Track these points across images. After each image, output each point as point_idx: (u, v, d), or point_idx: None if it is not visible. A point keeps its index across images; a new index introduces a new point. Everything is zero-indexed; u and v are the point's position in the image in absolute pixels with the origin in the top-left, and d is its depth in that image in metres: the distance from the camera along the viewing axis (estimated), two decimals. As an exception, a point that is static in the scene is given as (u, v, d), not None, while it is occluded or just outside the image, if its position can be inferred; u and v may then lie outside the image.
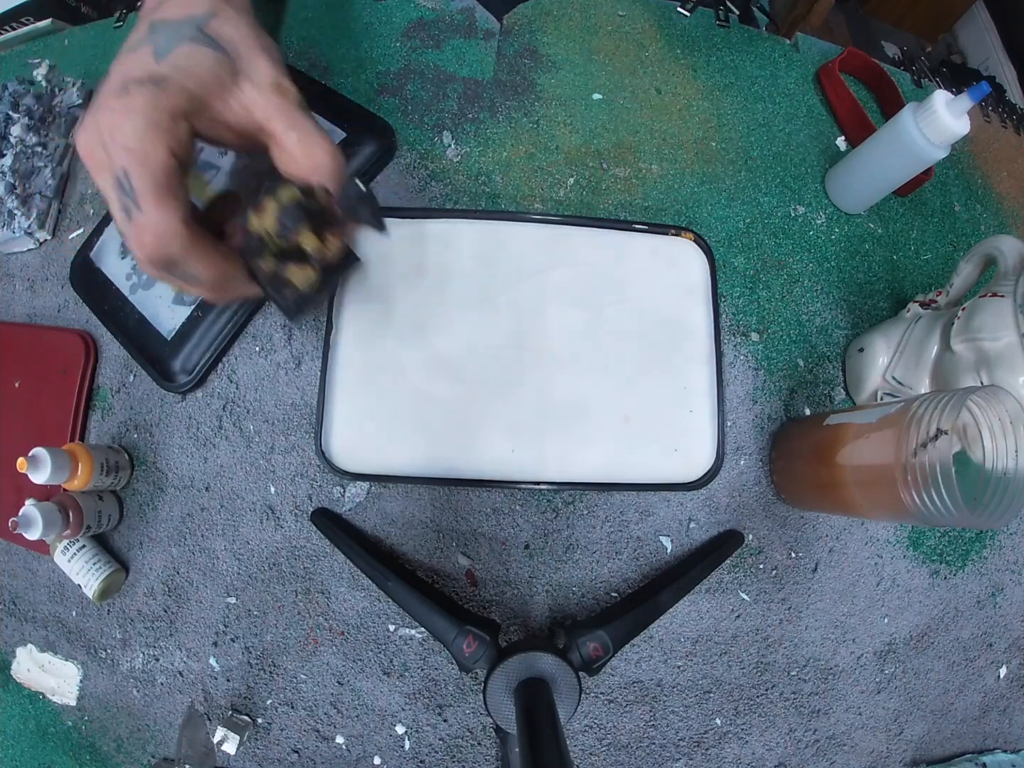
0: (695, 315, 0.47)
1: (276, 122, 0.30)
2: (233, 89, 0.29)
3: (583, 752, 0.44)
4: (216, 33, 0.29)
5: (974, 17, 2.12)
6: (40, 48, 0.61)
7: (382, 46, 0.54)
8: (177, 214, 0.27)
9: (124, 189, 0.27)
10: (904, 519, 0.34)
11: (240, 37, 0.30)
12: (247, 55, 0.29)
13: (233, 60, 0.29)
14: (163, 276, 0.30)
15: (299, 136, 0.30)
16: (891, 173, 0.49)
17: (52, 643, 0.47)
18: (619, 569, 0.45)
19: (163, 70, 0.27)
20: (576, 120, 0.53)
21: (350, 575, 0.44)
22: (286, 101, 0.30)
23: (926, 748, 0.48)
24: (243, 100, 0.29)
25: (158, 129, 0.26)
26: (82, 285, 0.49)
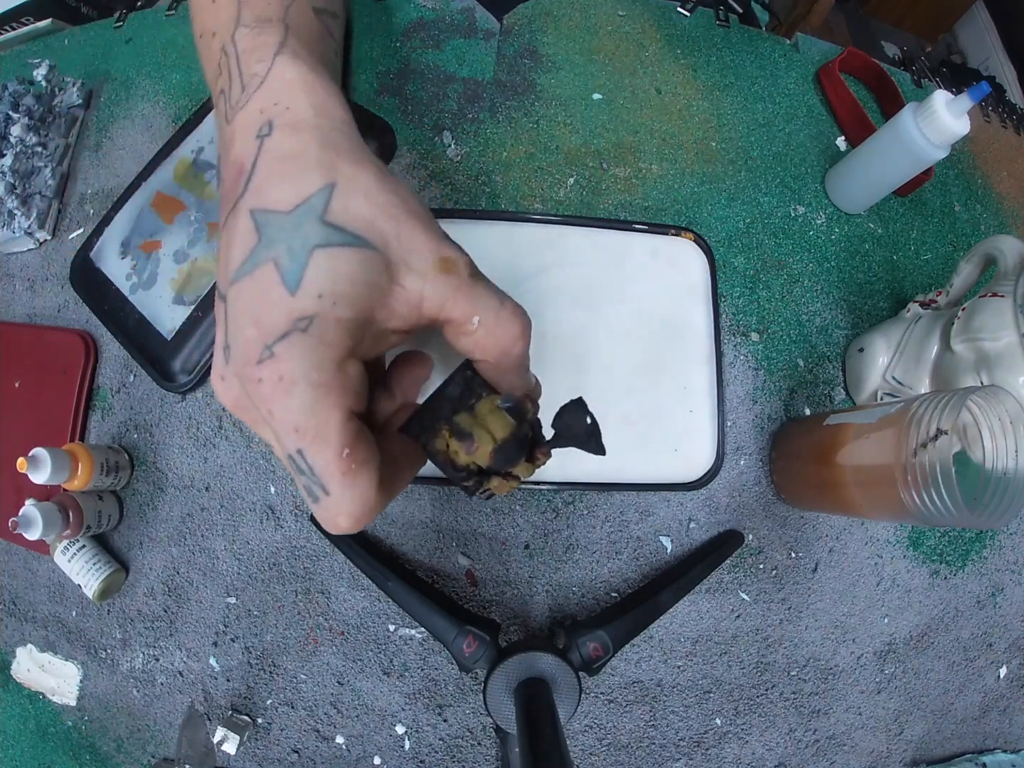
0: (695, 315, 0.47)
1: (452, 310, 0.23)
2: (394, 289, 0.22)
3: (583, 752, 0.44)
4: (347, 218, 0.21)
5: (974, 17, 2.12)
6: (40, 48, 0.61)
7: (382, 46, 0.54)
8: (372, 485, 0.22)
9: (301, 469, 0.21)
10: (904, 519, 0.34)
11: (377, 208, 0.21)
12: (395, 233, 0.22)
13: (382, 251, 0.21)
14: None
15: (483, 319, 0.23)
16: (891, 173, 0.49)
17: (52, 643, 0.47)
18: (619, 569, 0.45)
19: (306, 306, 0.20)
20: (576, 120, 0.53)
21: (350, 575, 0.44)
22: (458, 279, 0.23)
23: (926, 748, 0.48)
24: (408, 298, 0.22)
25: (328, 394, 0.20)
26: (82, 285, 0.49)
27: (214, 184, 0.48)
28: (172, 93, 0.54)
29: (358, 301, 0.21)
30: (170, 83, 0.55)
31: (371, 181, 0.22)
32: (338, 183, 0.21)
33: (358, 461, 0.21)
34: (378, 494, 0.22)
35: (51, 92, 0.55)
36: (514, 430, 0.25)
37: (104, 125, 0.55)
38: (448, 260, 0.23)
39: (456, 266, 0.23)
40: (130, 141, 0.54)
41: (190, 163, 0.49)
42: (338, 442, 0.20)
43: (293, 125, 0.22)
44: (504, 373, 0.25)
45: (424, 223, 0.22)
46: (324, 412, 0.20)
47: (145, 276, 0.47)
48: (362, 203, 0.21)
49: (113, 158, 0.54)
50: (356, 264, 0.21)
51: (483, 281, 0.24)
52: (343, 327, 0.20)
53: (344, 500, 0.21)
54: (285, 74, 0.23)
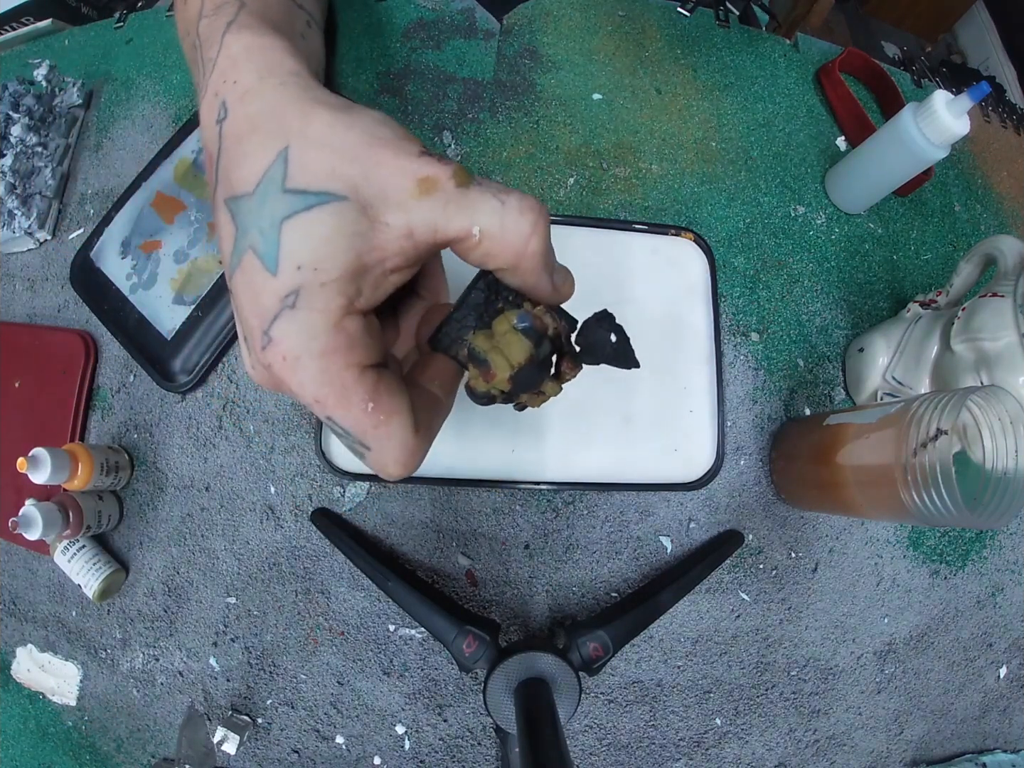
0: (695, 315, 0.47)
1: (447, 230, 0.21)
2: (378, 230, 0.20)
3: (583, 752, 0.44)
4: (308, 178, 0.20)
5: (974, 17, 2.12)
6: (40, 48, 0.61)
7: (382, 46, 0.54)
8: (407, 429, 0.21)
9: (338, 433, 0.22)
10: (904, 519, 0.34)
11: (335, 154, 0.20)
12: (361, 173, 0.20)
13: (353, 197, 0.20)
14: None
15: (483, 227, 0.21)
16: (891, 173, 0.49)
17: (52, 643, 0.47)
18: (619, 569, 0.45)
19: (288, 282, 0.20)
20: (576, 120, 0.53)
21: (350, 575, 0.44)
22: (443, 195, 0.21)
23: (926, 748, 0.48)
24: (396, 234, 0.21)
25: (333, 358, 0.20)
26: (82, 285, 0.49)
27: (214, 184, 0.48)
28: (172, 93, 0.54)
29: (340, 257, 0.20)
30: (170, 83, 0.55)
31: (324, 127, 0.20)
32: (291, 144, 0.20)
33: (386, 411, 0.21)
34: (416, 435, 0.22)
35: (51, 92, 0.55)
36: (532, 353, 0.23)
37: (104, 125, 0.55)
38: (426, 180, 0.20)
39: (437, 183, 0.21)
40: (130, 141, 0.54)
41: (190, 163, 0.49)
42: (360, 400, 0.20)
43: (241, 98, 0.22)
44: (526, 277, 0.23)
45: (393, 149, 0.21)
46: (335, 377, 0.20)
47: (145, 276, 0.47)
48: (317, 155, 0.20)
49: (113, 158, 0.54)
50: (327, 221, 0.20)
51: (476, 185, 0.21)
52: (331, 289, 0.20)
53: (386, 451, 0.21)
54: (230, 50, 0.23)
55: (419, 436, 0.22)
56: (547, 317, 0.24)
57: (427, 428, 0.23)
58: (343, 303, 0.20)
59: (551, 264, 0.23)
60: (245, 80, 0.22)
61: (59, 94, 0.55)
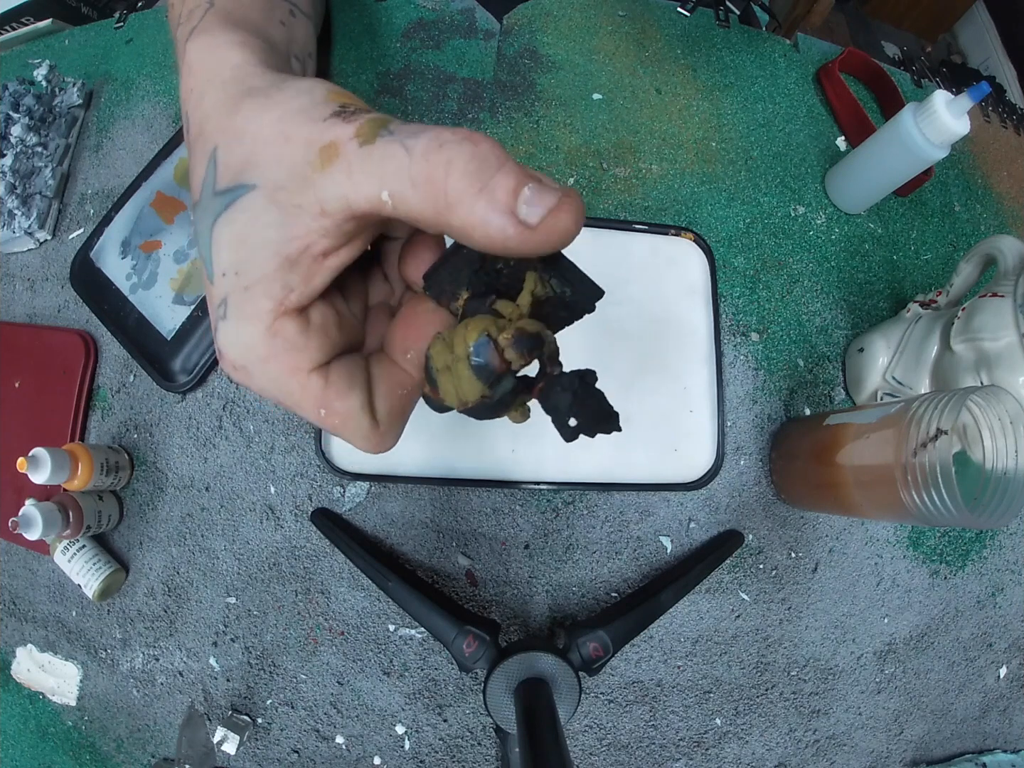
0: (695, 315, 0.47)
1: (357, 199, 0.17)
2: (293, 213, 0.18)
3: (583, 752, 0.44)
4: (229, 174, 0.19)
5: (974, 17, 2.12)
6: (40, 48, 0.61)
7: (382, 46, 0.54)
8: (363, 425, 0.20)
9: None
10: (904, 519, 0.34)
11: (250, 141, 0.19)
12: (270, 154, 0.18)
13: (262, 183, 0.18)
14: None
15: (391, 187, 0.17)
16: (891, 173, 0.49)
17: (52, 643, 0.47)
18: (619, 569, 0.45)
19: (217, 292, 0.19)
20: (576, 120, 0.53)
21: (350, 575, 0.44)
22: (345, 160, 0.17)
23: (926, 748, 0.48)
24: (310, 215, 0.18)
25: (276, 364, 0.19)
26: (82, 285, 0.49)
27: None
28: (172, 93, 0.54)
29: (257, 256, 0.18)
30: (170, 83, 0.55)
31: (245, 117, 0.19)
32: (218, 144, 0.19)
33: (339, 414, 0.20)
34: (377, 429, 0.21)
35: (51, 92, 0.55)
36: (485, 394, 0.19)
37: (104, 125, 0.55)
38: (328, 148, 0.17)
39: (337, 147, 0.17)
40: (130, 141, 0.54)
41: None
42: (310, 406, 0.20)
43: (195, 105, 0.21)
44: (473, 235, 0.17)
45: (303, 118, 0.18)
46: (283, 384, 0.19)
47: (145, 276, 0.47)
48: (237, 148, 0.19)
49: (113, 158, 0.54)
50: (238, 219, 0.18)
51: (382, 138, 0.17)
52: (255, 293, 0.18)
53: (353, 440, 0.21)
54: (189, 57, 0.22)
55: (382, 427, 0.21)
56: (512, 350, 0.19)
57: (395, 413, 0.21)
58: (270, 307, 0.18)
59: (502, 202, 0.17)
60: (198, 86, 0.21)
61: (59, 94, 0.55)
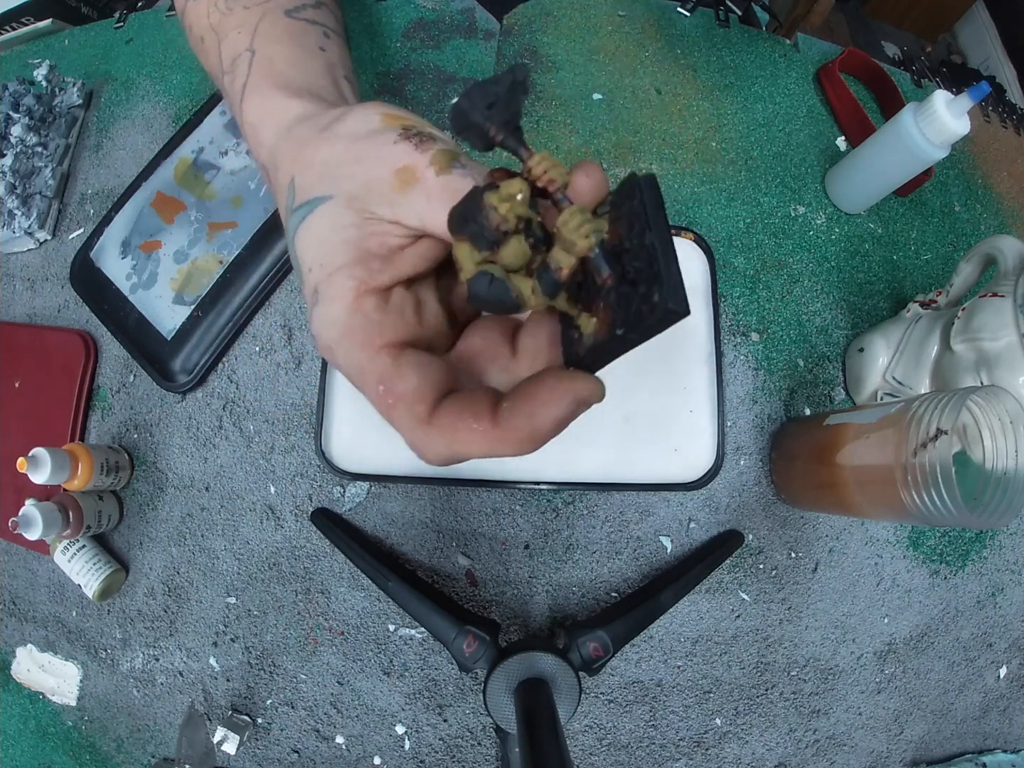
0: (695, 315, 0.47)
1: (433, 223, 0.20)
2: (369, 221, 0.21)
3: (583, 752, 0.44)
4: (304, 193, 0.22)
5: (974, 17, 2.12)
6: (40, 48, 0.61)
7: (382, 46, 0.54)
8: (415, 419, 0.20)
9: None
10: (904, 519, 0.34)
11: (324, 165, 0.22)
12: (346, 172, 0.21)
13: (338, 194, 0.21)
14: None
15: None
16: (891, 173, 0.49)
17: (52, 643, 0.47)
18: (619, 569, 0.45)
19: (308, 283, 0.21)
20: (576, 120, 0.53)
21: (350, 575, 0.44)
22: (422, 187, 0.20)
23: (926, 748, 0.48)
24: (387, 222, 0.21)
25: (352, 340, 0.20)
26: (82, 285, 0.49)
27: (214, 184, 0.48)
28: (172, 93, 0.54)
29: (338, 248, 0.21)
30: (170, 83, 0.55)
31: (314, 149, 0.23)
32: (295, 174, 0.23)
33: (395, 395, 0.20)
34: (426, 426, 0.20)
35: (51, 92, 0.55)
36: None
37: (104, 125, 0.55)
38: (404, 171, 0.20)
39: (413, 174, 0.20)
40: (130, 141, 0.54)
41: (190, 163, 0.49)
42: (372, 381, 0.20)
43: (268, 159, 0.25)
44: None
45: (371, 141, 0.21)
46: (354, 357, 0.20)
47: (145, 276, 0.47)
48: (311, 173, 0.22)
49: (113, 158, 0.54)
50: (317, 223, 0.21)
51: (457, 170, 0.20)
52: (339, 276, 0.20)
53: (402, 427, 0.20)
54: (249, 118, 0.27)
55: (435, 427, 0.20)
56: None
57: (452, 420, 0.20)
58: (354, 284, 0.20)
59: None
60: (266, 142, 0.25)
61: (59, 94, 0.55)
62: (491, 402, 0.20)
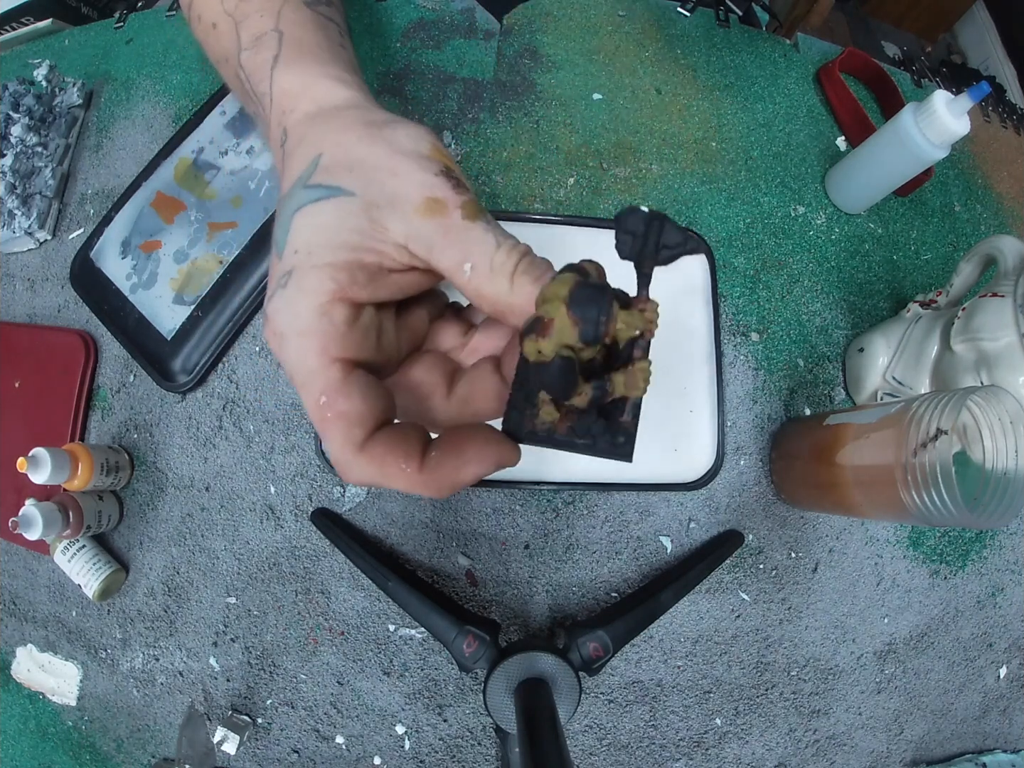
0: (695, 315, 0.47)
1: (439, 256, 0.21)
2: (377, 230, 0.21)
3: (583, 752, 0.44)
4: (327, 176, 0.21)
5: (974, 17, 2.12)
6: (40, 48, 0.61)
7: (382, 46, 0.54)
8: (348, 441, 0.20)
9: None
10: (904, 519, 0.34)
11: (358, 159, 0.22)
12: (377, 177, 0.21)
13: (361, 194, 0.21)
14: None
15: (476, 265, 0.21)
16: (891, 173, 0.49)
17: (52, 643, 0.47)
18: (619, 569, 0.45)
19: (285, 264, 0.21)
20: (576, 120, 0.53)
21: (350, 575, 0.44)
22: (445, 221, 0.21)
23: (926, 748, 0.48)
24: (394, 239, 0.21)
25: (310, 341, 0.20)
26: (82, 285, 0.49)
27: (214, 184, 0.48)
28: (172, 93, 0.54)
29: (334, 245, 0.20)
30: (170, 83, 0.55)
31: (355, 139, 0.22)
32: (324, 151, 0.22)
33: (335, 411, 0.19)
34: (358, 451, 0.20)
35: (51, 92, 0.55)
36: (579, 278, 0.19)
37: (104, 125, 0.55)
38: (435, 201, 0.21)
39: (443, 208, 0.21)
40: (130, 141, 0.54)
41: (190, 163, 0.49)
42: (316, 389, 0.20)
43: (296, 125, 0.24)
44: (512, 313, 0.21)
45: (413, 162, 0.21)
46: (305, 358, 0.20)
47: (145, 276, 0.47)
48: (343, 157, 0.22)
49: (113, 158, 0.54)
50: (329, 211, 0.21)
51: (482, 223, 0.21)
52: (321, 273, 0.20)
53: (332, 445, 0.20)
54: (283, 85, 0.26)
55: (365, 454, 0.20)
56: (588, 263, 0.21)
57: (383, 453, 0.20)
58: (332, 288, 0.20)
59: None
60: (299, 111, 0.25)
61: (59, 94, 0.55)
62: (422, 445, 0.20)
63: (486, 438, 0.20)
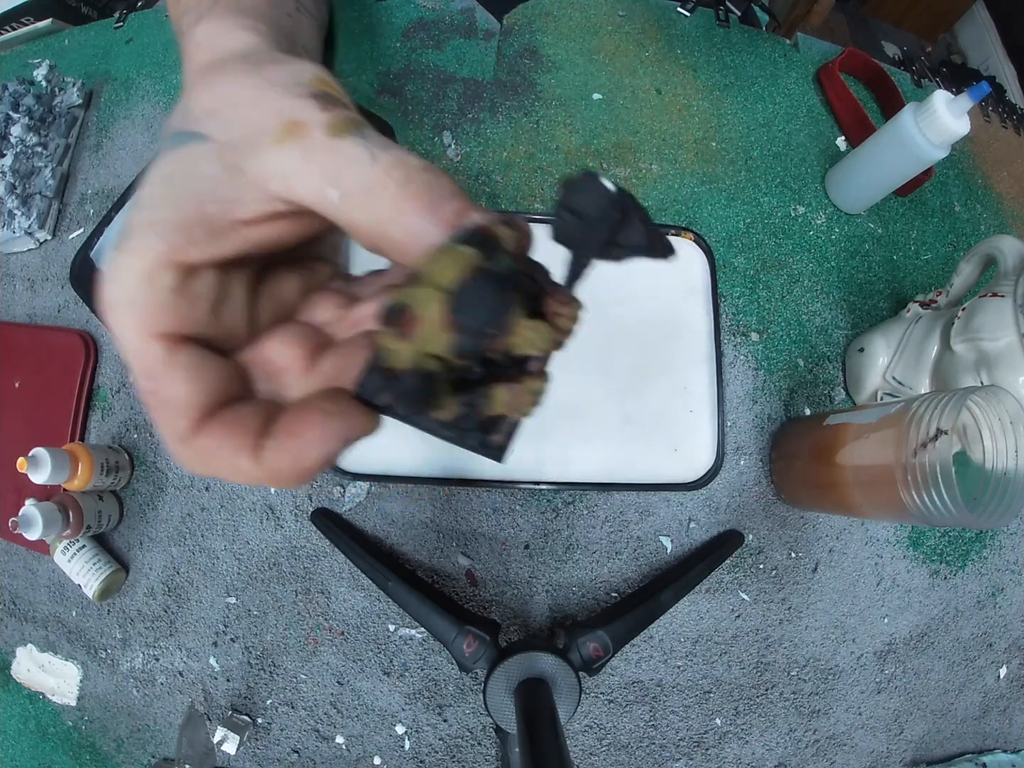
0: (695, 315, 0.47)
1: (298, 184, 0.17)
2: (232, 176, 0.17)
3: (583, 752, 0.44)
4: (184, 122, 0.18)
5: (974, 17, 2.12)
6: (40, 48, 0.61)
7: (382, 46, 0.54)
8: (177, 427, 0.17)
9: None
10: (904, 519, 0.34)
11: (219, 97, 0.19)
12: (236, 114, 0.18)
13: (214, 135, 0.18)
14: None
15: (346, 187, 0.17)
16: (891, 173, 0.49)
17: (52, 643, 0.47)
18: (619, 569, 0.45)
19: (127, 222, 0.18)
20: (576, 120, 0.53)
21: (350, 575, 0.44)
22: (306, 142, 0.17)
23: (926, 748, 0.48)
24: (249, 182, 0.17)
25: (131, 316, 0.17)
26: (82, 285, 0.49)
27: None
28: (172, 93, 0.54)
29: (175, 199, 0.17)
30: (170, 83, 0.55)
31: (228, 78, 0.19)
32: (193, 98, 0.19)
33: (156, 398, 0.17)
34: (183, 441, 0.17)
35: (51, 92, 0.55)
36: (476, 264, 0.15)
37: (104, 125, 0.55)
38: (293, 123, 0.17)
39: (301, 128, 0.17)
40: (130, 141, 0.54)
41: (190, 163, 0.49)
42: (139, 369, 0.17)
43: (188, 75, 0.22)
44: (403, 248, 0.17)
45: (280, 89, 0.18)
46: (126, 335, 0.17)
47: (145, 276, 0.47)
48: (209, 101, 0.18)
49: (113, 158, 0.54)
50: (174, 161, 0.18)
51: (354, 137, 0.17)
52: (153, 231, 0.17)
53: (163, 431, 0.17)
54: (198, 37, 0.22)
55: (189, 447, 0.17)
56: (503, 228, 0.16)
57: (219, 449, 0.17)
58: (160, 249, 0.17)
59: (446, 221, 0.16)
60: (200, 58, 0.21)
61: (59, 94, 0.55)
62: (257, 433, 0.17)
63: (327, 411, 0.17)
